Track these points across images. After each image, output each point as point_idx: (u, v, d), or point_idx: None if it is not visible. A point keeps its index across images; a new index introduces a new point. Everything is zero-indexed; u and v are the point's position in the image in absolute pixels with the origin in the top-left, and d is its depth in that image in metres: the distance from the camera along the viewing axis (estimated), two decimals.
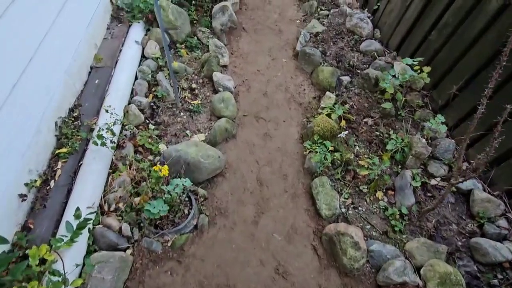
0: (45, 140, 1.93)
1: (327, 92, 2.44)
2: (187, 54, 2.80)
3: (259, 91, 2.61)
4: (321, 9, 3.26)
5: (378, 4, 2.97)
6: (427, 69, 2.23)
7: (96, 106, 2.23)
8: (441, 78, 2.26)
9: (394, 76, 2.21)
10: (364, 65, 2.67)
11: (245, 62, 2.85)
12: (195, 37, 2.91)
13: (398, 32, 2.63)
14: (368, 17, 3.02)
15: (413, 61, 2.27)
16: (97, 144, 1.88)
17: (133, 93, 2.45)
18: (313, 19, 3.12)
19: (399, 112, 2.28)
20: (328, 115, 2.25)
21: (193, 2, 3.12)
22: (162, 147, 2.16)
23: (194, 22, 3.04)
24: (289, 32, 3.14)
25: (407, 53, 2.54)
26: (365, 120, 2.29)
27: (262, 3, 3.46)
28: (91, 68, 2.48)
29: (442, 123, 1.98)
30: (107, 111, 1.88)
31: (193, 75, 2.63)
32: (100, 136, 1.89)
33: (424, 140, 1.96)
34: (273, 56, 2.92)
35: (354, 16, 2.94)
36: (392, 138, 2.08)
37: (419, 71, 2.24)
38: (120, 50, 2.62)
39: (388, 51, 2.73)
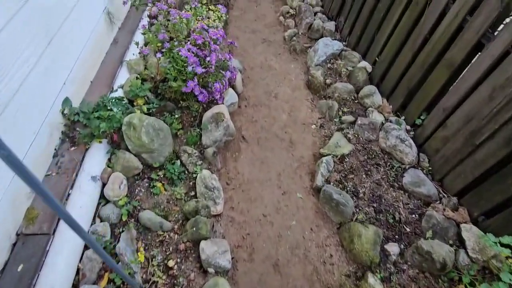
0: None
1: (369, 277, 1.65)
2: (165, 190, 2.00)
3: (267, 259, 1.80)
4: (343, 112, 2.54)
5: (422, 117, 2.25)
6: None
7: None
8: None
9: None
10: (413, 216, 1.91)
11: (246, 199, 2.06)
12: (178, 161, 2.12)
13: (460, 173, 1.90)
14: (407, 131, 2.30)
15: (500, 242, 1.51)
16: None
17: (78, 273, 1.63)
18: (336, 132, 2.38)
19: None
20: None
21: (180, 104, 2.36)
22: None
23: (179, 134, 2.26)
24: (303, 145, 2.39)
25: (478, 208, 1.80)
26: None
27: (266, 98, 2.72)
28: (18, 235, 1.64)
29: None
30: None
31: (171, 234, 1.82)
32: None
33: None
34: (284, 188, 2.14)
35: (391, 133, 2.21)
36: None
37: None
38: (68, 196, 1.81)
39: (445, 194, 1.98)
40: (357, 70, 2.71)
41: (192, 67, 2.05)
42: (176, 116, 2.32)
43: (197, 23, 3.16)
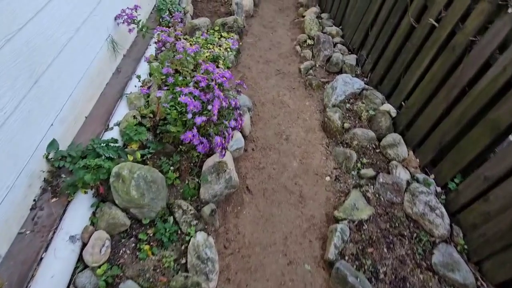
0: None
1: None
2: (153, 254, 1.74)
3: None
4: (362, 164, 2.23)
5: (456, 180, 1.93)
6: None
7: None
8: None
9: None
10: None
11: (246, 268, 1.78)
12: (171, 217, 1.87)
13: (504, 261, 1.56)
14: (438, 193, 1.97)
15: None
16: None
17: None
18: (353, 189, 2.08)
19: None
20: None
21: (179, 147, 2.13)
22: None
23: (175, 183, 2.02)
24: (315, 202, 2.10)
25: None
26: None
27: (277, 140, 2.46)
28: None
29: None
30: None
31: None
32: None
33: None
34: (290, 256, 1.84)
35: (419, 198, 1.89)
36: None
37: None
38: (40, 260, 1.57)
39: (484, 283, 1.64)
40: (380, 114, 2.41)
41: (193, 113, 1.81)
42: (174, 160, 2.08)
43: (207, 51, 2.96)
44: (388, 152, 2.25)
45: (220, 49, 3.04)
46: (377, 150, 2.33)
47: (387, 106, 2.49)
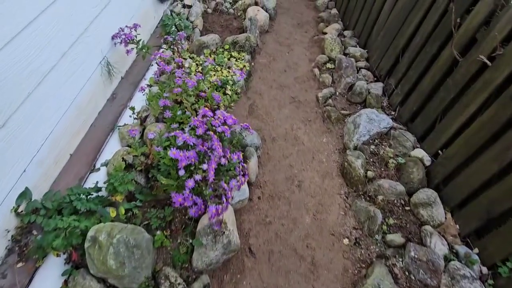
0: None
1: None
2: None
3: None
4: (388, 226, 1.87)
5: (509, 265, 1.54)
6: None
7: None
8: None
9: None
10: None
11: None
12: None
13: None
14: (483, 275, 1.59)
15: None
16: None
17: None
18: (377, 263, 1.71)
19: None
20: None
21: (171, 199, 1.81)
22: None
23: (164, 244, 1.71)
24: (329, 273, 1.76)
25: None
26: None
27: (287, 187, 2.12)
28: None
29: None
30: None
31: None
32: None
33: None
34: None
35: (460, 283, 1.52)
36: None
37: None
38: None
39: None
40: (412, 163, 2.03)
41: (186, 167, 1.50)
42: (166, 213, 1.77)
43: (213, 76, 2.65)
44: (421, 212, 1.88)
45: (229, 71, 2.73)
46: (407, 208, 1.96)
47: (420, 152, 2.11)
